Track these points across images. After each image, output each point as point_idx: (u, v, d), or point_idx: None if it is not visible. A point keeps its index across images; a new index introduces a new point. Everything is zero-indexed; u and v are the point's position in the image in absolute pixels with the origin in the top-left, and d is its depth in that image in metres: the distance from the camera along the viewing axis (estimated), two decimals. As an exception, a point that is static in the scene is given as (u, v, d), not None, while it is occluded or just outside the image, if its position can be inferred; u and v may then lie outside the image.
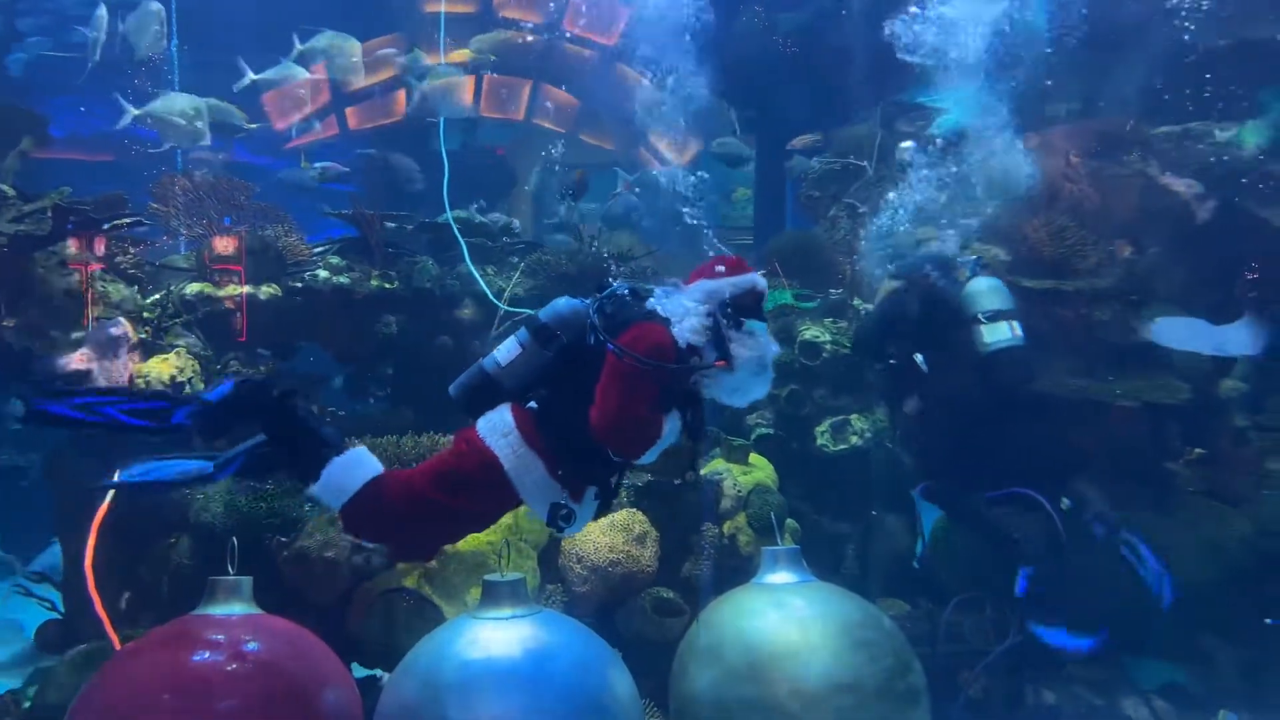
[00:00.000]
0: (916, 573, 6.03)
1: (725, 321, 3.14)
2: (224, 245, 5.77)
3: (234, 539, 4.09)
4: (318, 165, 6.72)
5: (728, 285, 3.19)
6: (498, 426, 3.12)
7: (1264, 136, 6.47)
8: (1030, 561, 5.13)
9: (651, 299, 3.25)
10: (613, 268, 6.79)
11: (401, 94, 10.11)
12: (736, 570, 4.98)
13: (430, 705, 3.63)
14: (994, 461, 5.38)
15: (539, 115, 10.31)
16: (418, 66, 9.36)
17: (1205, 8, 6.73)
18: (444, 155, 6.72)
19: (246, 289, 5.63)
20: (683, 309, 3.17)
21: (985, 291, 5.23)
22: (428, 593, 4.55)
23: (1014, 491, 5.34)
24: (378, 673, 4.60)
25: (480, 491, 3.12)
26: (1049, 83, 7.09)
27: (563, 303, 3.25)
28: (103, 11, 6.44)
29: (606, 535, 4.82)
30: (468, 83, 9.73)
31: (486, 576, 3.98)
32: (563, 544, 4.93)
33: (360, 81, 9.02)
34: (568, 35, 10.17)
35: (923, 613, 5.39)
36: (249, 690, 3.42)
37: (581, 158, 9.74)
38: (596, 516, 3.28)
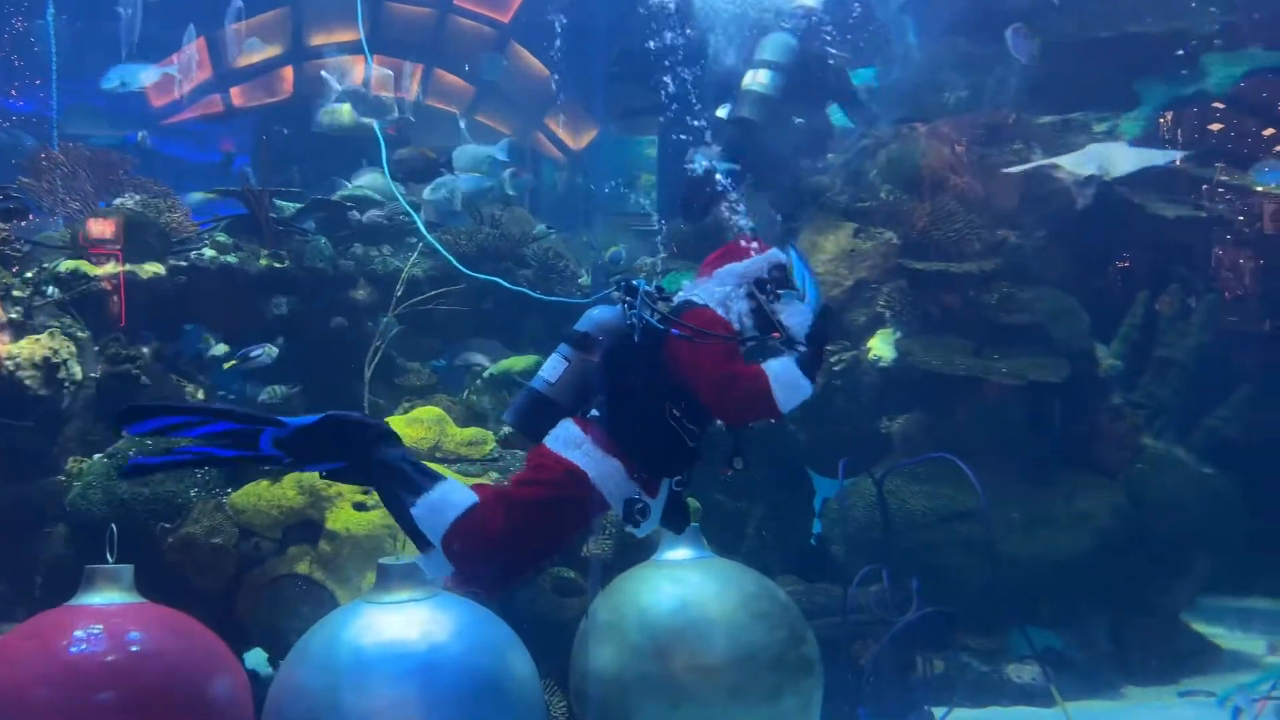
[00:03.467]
0: (814, 549, 6.16)
1: (766, 298, 3.19)
2: (100, 227, 5.49)
3: (113, 526, 3.94)
4: (141, 133, 6.52)
5: (755, 265, 3.24)
6: (569, 440, 3.09)
7: (1140, 127, 6.79)
8: None
9: (681, 292, 3.31)
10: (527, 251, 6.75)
11: (288, 71, 9.81)
12: (637, 549, 4.98)
13: (324, 692, 3.55)
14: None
15: (432, 96, 10.09)
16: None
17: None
18: (380, 136, 6.66)
19: (126, 268, 5.38)
20: (720, 294, 3.21)
21: (765, 43, 5.35)
22: (319, 578, 4.45)
23: (930, 456, 5.50)
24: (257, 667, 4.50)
25: (570, 507, 3.10)
26: (938, 73, 7.29)
27: (598, 311, 3.26)
28: None
29: (505, 517, 4.78)
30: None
31: (381, 560, 3.91)
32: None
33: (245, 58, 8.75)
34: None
35: (820, 588, 5.49)
36: (130, 682, 3.30)
37: (479, 138, 9.58)
38: (670, 515, 3.27)
